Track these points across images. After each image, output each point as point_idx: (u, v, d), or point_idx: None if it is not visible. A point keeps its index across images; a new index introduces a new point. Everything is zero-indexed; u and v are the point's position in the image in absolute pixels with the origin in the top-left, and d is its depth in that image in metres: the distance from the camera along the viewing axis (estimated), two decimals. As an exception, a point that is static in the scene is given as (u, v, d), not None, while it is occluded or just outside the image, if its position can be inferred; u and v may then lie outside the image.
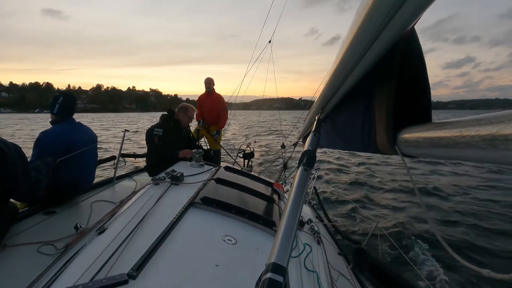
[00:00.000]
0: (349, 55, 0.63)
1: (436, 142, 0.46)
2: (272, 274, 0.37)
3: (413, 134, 0.55)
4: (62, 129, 2.18)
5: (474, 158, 0.39)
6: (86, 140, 2.32)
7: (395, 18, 0.45)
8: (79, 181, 2.32)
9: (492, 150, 0.33)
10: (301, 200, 0.52)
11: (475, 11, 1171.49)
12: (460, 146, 0.39)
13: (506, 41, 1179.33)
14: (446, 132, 0.43)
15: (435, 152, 0.48)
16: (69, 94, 2.32)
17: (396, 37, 0.53)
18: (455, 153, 0.42)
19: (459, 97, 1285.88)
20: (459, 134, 0.39)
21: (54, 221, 1.97)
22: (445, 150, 0.44)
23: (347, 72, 0.70)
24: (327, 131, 1.26)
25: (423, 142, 0.50)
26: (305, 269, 1.26)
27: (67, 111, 2.25)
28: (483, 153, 0.35)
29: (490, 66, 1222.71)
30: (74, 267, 0.94)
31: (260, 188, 2.13)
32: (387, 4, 0.43)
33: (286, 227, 0.45)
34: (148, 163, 3.02)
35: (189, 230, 1.23)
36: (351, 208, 5.19)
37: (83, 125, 2.42)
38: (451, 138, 0.41)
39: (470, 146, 0.37)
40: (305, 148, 0.71)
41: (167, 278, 0.91)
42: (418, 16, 0.47)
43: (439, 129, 0.46)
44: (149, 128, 2.95)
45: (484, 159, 0.36)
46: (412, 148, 0.57)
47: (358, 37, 0.54)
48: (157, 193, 1.53)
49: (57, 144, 2.09)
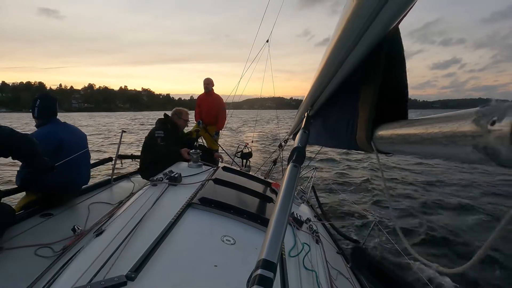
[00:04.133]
0: (336, 52, 0.64)
1: (407, 139, 0.46)
2: (262, 270, 0.37)
3: (387, 131, 0.56)
4: (48, 130, 2.17)
5: (438, 154, 0.39)
6: (74, 139, 2.31)
7: (379, 16, 0.46)
8: (72, 181, 2.30)
9: (452, 147, 0.33)
10: (291, 196, 0.52)
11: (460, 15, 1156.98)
12: (425, 142, 0.40)
13: (489, 44, 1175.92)
14: (415, 129, 0.43)
15: (406, 149, 0.49)
16: (47, 95, 2.30)
17: (381, 36, 0.54)
18: (422, 150, 0.43)
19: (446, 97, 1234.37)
20: (424, 131, 0.40)
21: (51, 223, 1.96)
22: (414, 146, 0.44)
23: (334, 69, 0.71)
24: (317, 128, 1.26)
25: (396, 138, 0.51)
26: (304, 268, 1.26)
27: (48, 112, 2.23)
28: (445, 149, 0.35)
29: (475, 67, 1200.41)
30: (72, 270, 0.94)
31: (259, 188, 2.13)
32: (372, 3, 0.44)
33: (276, 223, 0.45)
34: (143, 165, 3.01)
35: (187, 231, 1.23)
36: (349, 207, 5.21)
37: (70, 125, 2.41)
38: (418, 135, 0.42)
39: (434, 143, 0.37)
40: (294, 144, 0.71)
41: (166, 279, 0.91)
42: (401, 15, 0.48)
43: (410, 126, 0.46)
44: (150, 132, 2.99)
45: (447, 155, 0.37)
46: (386, 144, 0.57)
47: (344, 34, 0.55)
48: (155, 194, 1.53)
49: (45, 145, 2.06)
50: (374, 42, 0.57)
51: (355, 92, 0.76)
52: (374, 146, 0.62)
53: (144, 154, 3.01)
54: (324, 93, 0.92)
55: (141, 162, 3.06)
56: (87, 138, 2.53)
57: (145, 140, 3.00)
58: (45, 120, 2.21)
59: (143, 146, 3.04)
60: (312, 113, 1.13)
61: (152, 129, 3.01)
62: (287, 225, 0.47)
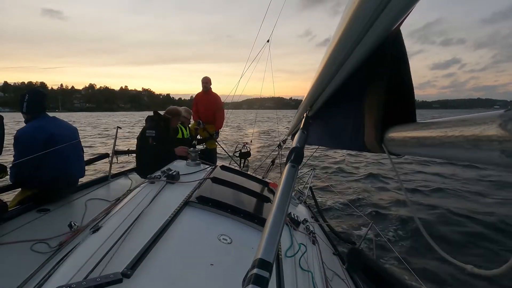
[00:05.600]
0: (337, 53, 0.64)
1: (422, 142, 0.46)
2: (258, 270, 0.37)
3: (400, 133, 0.56)
4: (37, 124, 2.15)
5: (458, 158, 0.39)
6: (64, 133, 2.29)
7: (381, 17, 0.46)
8: (65, 175, 2.27)
9: (476, 151, 0.33)
10: (288, 197, 0.52)
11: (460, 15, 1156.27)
12: (445, 146, 0.40)
13: (489, 44, 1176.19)
14: (432, 132, 0.43)
15: (421, 151, 0.49)
16: (36, 90, 2.29)
17: (383, 36, 0.54)
18: (440, 153, 0.43)
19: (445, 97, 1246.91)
20: (444, 134, 0.40)
21: (48, 219, 1.95)
22: (431, 149, 0.45)
23: (335, 69, 0.71)
24: (318, 129, 1.26)
25: (410, 141, 0.51)
26: (300, 269, 1.27)
27: (37, 107, 2.21)
28: (467, 153, 0.35)
29: (475, 67, 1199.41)
30: (68, 266, 0.94)
31: (256, 187, 2.13)
32: (373, 3, 0.44)
33: (273, 223, 0.45)
34: (139, 164, 3.00)
35: (184, 229, 1.23)
36: (346, 208, 5.22)
37: (60, 119, 2.39)
38: (437, 138, 0.41)
39: (455, 146, 0.37)
40: (293, 145, 0.71)
41: (162, 277, 0.91)
42: (404, 16, 0.48)
43: (425, 129, 0.47)
44: (140, 132, 2.94)
45: (468, 159, 0.37)
46: (398, 147, 0.58)
47: (345, 35, 0.55)
48: (153, 191, 1.52)
49: (35, 139, 2.06)
50: (376, 43, 0.57)
51: (358, 93, 0.76)
52: (385, 148, 0.62)
53: (138, 154, 3.00)
54: (324, 93, 0.92)
55: (136, 161, 3.06)
56: (78, 132, 2.50)
57: (137, 140, 2.96)
58: (34, 116, 2.18)
59: (136, 145, 3.02)
60: (311, 113, 1.13)
61: (143, 128, 2.96)
62: (284, 225, 0.47)
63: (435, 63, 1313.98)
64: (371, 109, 0.69)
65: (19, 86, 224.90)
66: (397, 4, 0.43)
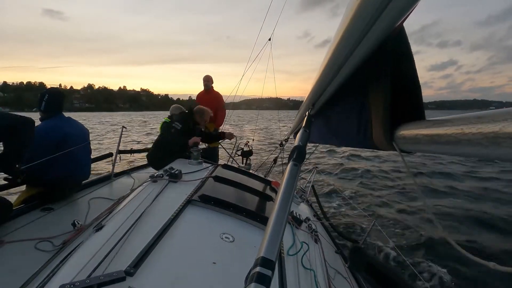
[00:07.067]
0: (339, 51, 0.63)
1: (436, 139, 0.46)
2: (260, 268, 0.37)
3: (411, 131, 0.56)
4: (52, 123, 2.19)
5: (476, 155, 0.39)
6: (77, 134, 2.33)
7: (383, 14, 0.46)
8: (72, 176, 2.31)
9: (496, 148, 0.33)
10: (290, 195, 0.52)
11: (456, 18, 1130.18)
12: (461, 143, 0.39)
13: (485, 46, 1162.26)
14: (447, 129, 0.43)
15: (435, 149, 0.48)
16: (55, 90, 2.32)
17: (385, 33, 0.53)
18: (455, 150, 0.42)
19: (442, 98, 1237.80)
20: (460, 131, 0.39)
21: (51, 217, 1.96)
22: (445, 146, 0.44)
23: (337, 67, 0.71)
24: (320, 127, 1.26)
25: (422, 138, 0.51)
26: (303, 267, 1.27)
27: (55, 107, 2.25)
28: (485, 150, 0.35)
29: (471, 69, 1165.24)
30: (72, 264, 0.94)
31: (258, 186, 2.13)
32: (375, 2, 0.44)
33: (275, 222, 0.45)
34: (153, 157, 3.01)
35: (187, 228, 1.23)
36: (349, 206, 5.21)
37: (74, 120, 2.42)
38: (452, 136, 0.41)
39: (472, 144, 0.37)
40: (295, 143, 0.71)
41: (165, 275, 0.91)
42: (406, 13, 0.48)
43: (439, 126, 0.46)
44: (168, 121, 3.05)
45: (487, 156, 0.36)
46: (410, 144, 0.57)
47: (347, 33, 0.55)
48: (155, 190, 1.53)
49: (49, 138, 2.09)
50: (379, 41, 0.56)
51: (362, 91, 0.76)
52: (396, 146, 0.62)
53: (156, 144, 3.06)
54: (326, 92, 0.92)
55: (152, 153, 3.08)
56: (89, 134, 2.54)
57: (162, 126, 3.08)
58: (50, 114, 2.23)
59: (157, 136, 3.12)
60: (314, 112, 1.13)
61: (171, 119, 3.07)
62: (286, 224, 0.47)
63: (432, 65, 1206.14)
64: (377, 106, 0.69)
65: (18, 86, 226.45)
66: (399, 1, 0.42)
